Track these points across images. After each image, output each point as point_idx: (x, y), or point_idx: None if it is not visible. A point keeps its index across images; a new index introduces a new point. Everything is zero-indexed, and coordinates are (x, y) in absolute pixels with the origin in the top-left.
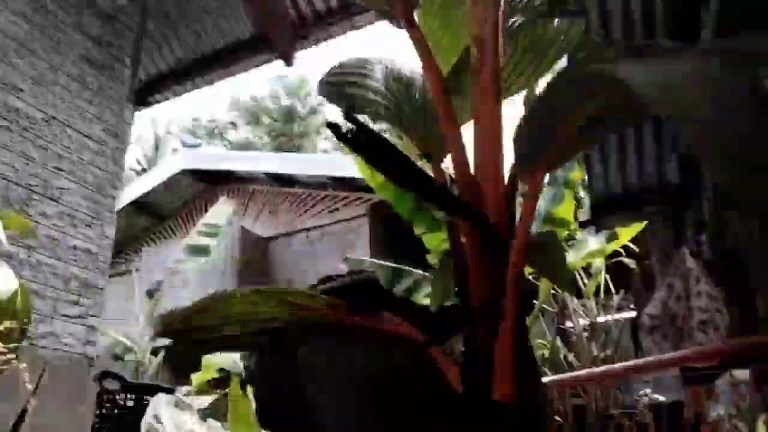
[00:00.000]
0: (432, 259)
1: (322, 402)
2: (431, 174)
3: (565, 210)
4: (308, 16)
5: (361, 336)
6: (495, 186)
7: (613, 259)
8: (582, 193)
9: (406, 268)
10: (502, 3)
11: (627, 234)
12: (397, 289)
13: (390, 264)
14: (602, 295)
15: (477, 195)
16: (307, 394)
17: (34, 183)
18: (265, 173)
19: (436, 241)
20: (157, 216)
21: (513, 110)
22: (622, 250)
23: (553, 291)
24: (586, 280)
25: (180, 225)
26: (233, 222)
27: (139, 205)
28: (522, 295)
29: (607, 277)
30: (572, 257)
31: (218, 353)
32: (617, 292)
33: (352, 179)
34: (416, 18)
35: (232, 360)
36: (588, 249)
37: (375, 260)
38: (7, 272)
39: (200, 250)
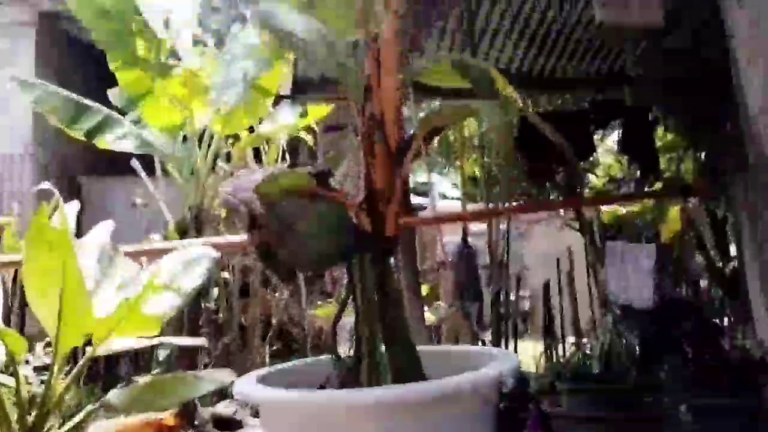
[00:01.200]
0: (118, 96)
1: (297, 230)
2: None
3: (270, 80)
4: None
5: (318, 198)
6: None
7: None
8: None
9: (92, 103)
10: None
11: (315, 113)
12: (80, 127)
13: (73, 96)
14: (279, 161)
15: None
16: (287, 227)
17: None
18: None
19: (130, 78)
20: None
21: None
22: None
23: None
24: (267, 147)
25: None
26: None
27: None
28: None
29: (284, 145)
30: (267, 127)
31: None
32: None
33: None
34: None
35: None
36: (283, 121)
37: (53, 86)
38: None
39: None
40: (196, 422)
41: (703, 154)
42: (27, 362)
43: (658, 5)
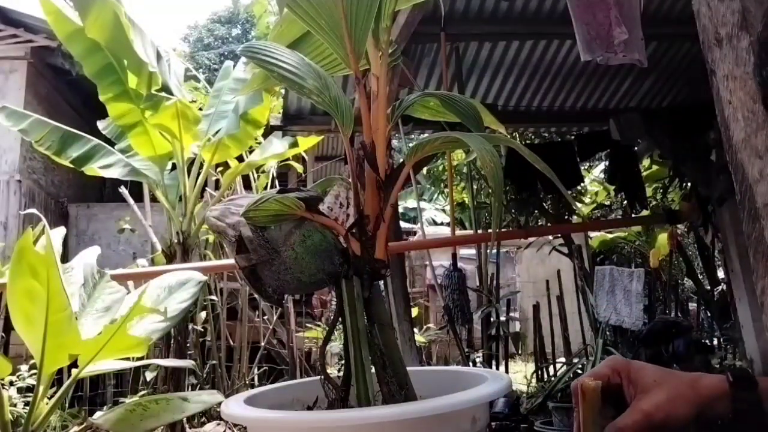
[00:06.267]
0: (108, 127)
1: (285, 253)
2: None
3: (260, 112)
4: None
5: (306, 223)
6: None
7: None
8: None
9: (80, 133)
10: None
11: (305, 143)
12: (68, 155)
13: (61, 126)
14: (269, 188)
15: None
16: (276, 251)
17: None
18: None
19: (120, 110)
20: None
21: None
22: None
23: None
24: (257, 175)
25: None
26: None
27: None
28: (395, 210)
29: (274, 174)
30: (257, 156)
31: None
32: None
33: (7, 11)
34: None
35: None
36: (272, 151)
37: (41, 116)
38: None
39: None
40: None
41: (689, 184)
42: (11, 383)
43: (642, 45)
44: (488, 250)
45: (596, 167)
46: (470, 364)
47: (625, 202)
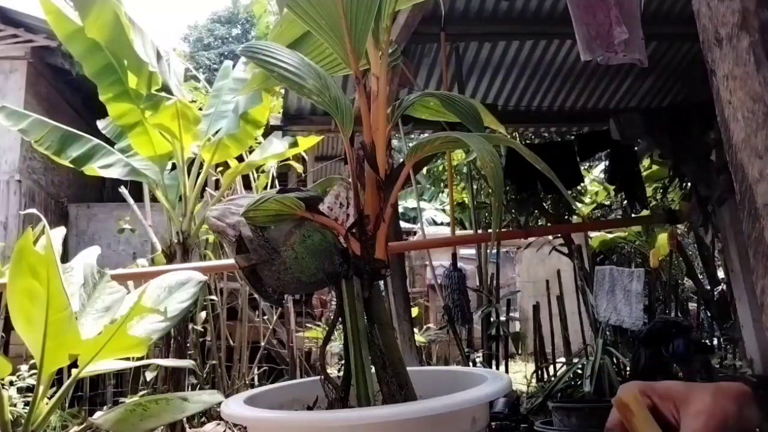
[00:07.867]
0: (108, 127)
1: (285, 253)
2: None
3: (260, 112)
4: None
5: (306, 223)
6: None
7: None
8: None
9: (80, 133)
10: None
11: (305, 143)
12: (67, 155)
13: (61, 126)
14: (269, 188)
15: (374, 159)
16: (276, 251)
17: None
18: None
19: (120, 110)
20: None
21: None
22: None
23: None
24: (257, 175)
25: None
26: None
27: None
28: (395, 210)
29: (274, 173)
30: (257, 155)
31: None
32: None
33: (7, 11)
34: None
35: None
36: (272, 150)
37: (41, 116)
38: None
39: None
40: None
41: (689, 184)
42: (11, 383)
43: (642, 45)
44: (488, 250)
45: (596, 167)
46: (470, 364)
47: (625, 202)
